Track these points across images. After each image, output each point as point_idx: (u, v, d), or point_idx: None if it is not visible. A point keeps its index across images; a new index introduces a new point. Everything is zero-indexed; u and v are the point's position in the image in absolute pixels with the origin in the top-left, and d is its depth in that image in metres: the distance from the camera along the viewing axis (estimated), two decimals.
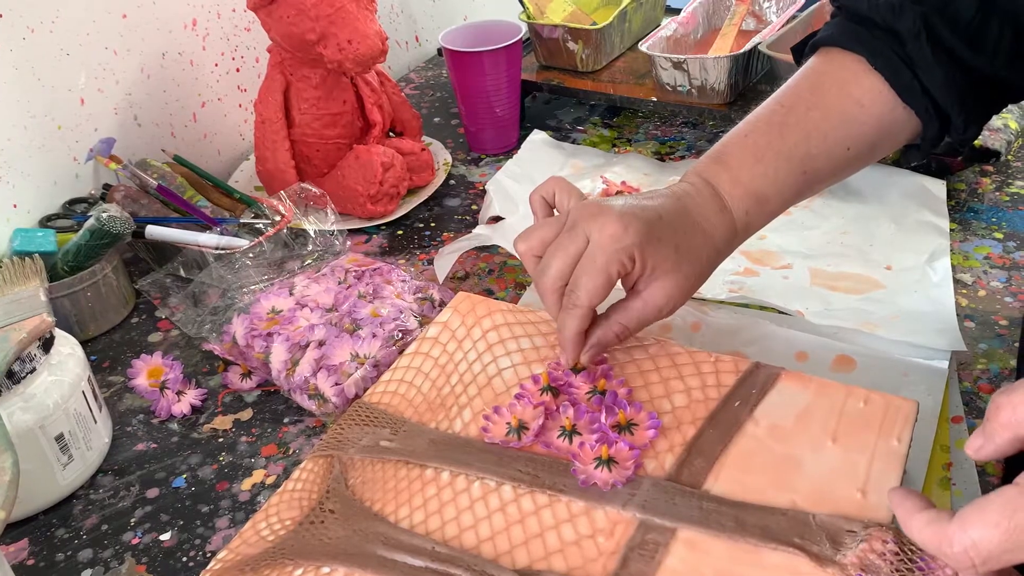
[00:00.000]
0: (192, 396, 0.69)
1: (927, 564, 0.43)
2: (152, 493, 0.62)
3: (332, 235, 0.82)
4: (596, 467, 0.51)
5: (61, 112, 0.84)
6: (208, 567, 0.48)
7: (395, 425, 0.56)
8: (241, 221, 0.82)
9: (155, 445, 0.66)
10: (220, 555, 0.49)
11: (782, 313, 0.71)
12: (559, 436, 0.54)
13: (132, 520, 0.60)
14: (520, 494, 0.50)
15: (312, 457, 0.55)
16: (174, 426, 0.68)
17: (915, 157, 0.86)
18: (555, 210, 0.60)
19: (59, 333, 0.63)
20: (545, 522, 0.49)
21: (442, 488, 0.51)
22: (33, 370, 0.58)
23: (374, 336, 0.69)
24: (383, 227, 0.90)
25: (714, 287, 0.74)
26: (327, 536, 0.49)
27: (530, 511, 0.49)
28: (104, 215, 0.72)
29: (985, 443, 0.39)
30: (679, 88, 0.96)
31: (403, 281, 0.77)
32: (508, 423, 0.54)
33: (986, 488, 0.56)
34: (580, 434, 0.53)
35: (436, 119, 1.11)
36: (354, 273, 0.77)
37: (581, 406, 0.55)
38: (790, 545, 0.45)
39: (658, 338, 0.61)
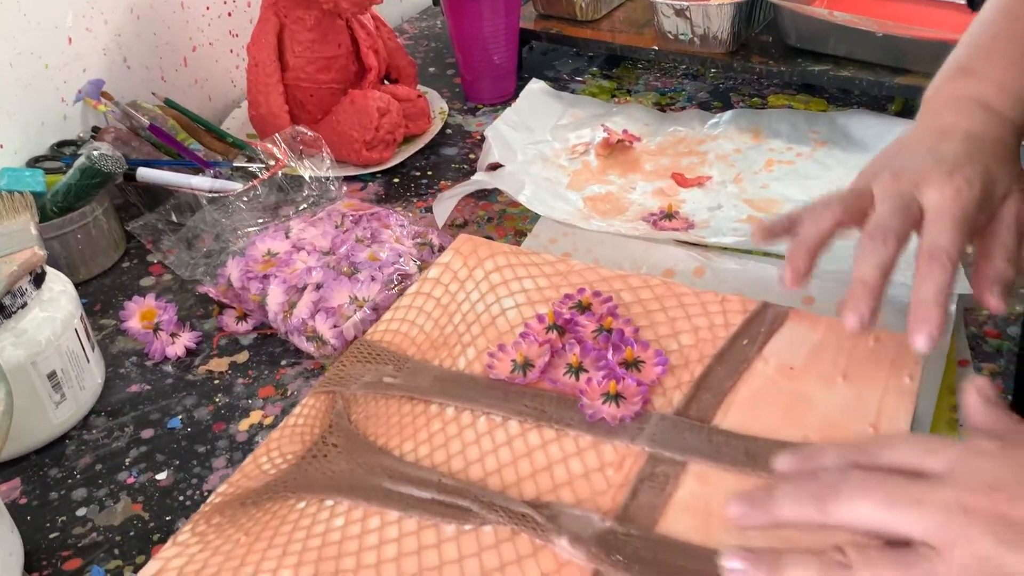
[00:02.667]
0: (187, 338, 0.68)
1: None
2: (147, 434, 0.61)
3: (328, 181, 0.80)
4: (604, 402, 0.50)
5: (48, 50, 0.81)
6: (208, 500, 0.47)
7: (398, 362, 0.55)
8: (235, 165, 0.81)
9: (149, 387, 0.65)
10: (220, 488, 0.48)
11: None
12: (565, 373, 0.53)
13: (127, 460, 0.59)
14: (527, 428, 0.50)
15: (314, 393, 0.54)
16: (168, 368, 0.66)
17: None
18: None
19: (50, 271, 0.62)
20: (553, 456, 0.48)
21: (447, 423, 0.50)
22: (24, 305, 0.57)
23: (373, 279, 0.67)
24: (379, 175, 0.88)
25: (717, 233, 0.73)
26: (330, 469, 0.48)
27: (537, 445, 0.49)
28: (95, 153, 0.70)
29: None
30: (681, 37, 0.95)
31: (401, 226, 0.75)
32: (513, 360, 0.54)
33: None
34: (587, 371, 0.53)
35: (431, 69, 1.09)
36: (351, 217, 0.75)
37: (587, 344, 0.54)
38: None
39: (663, 280, 0.60)
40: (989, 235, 0.52)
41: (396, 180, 0.88)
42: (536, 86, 0.97)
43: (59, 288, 0.61)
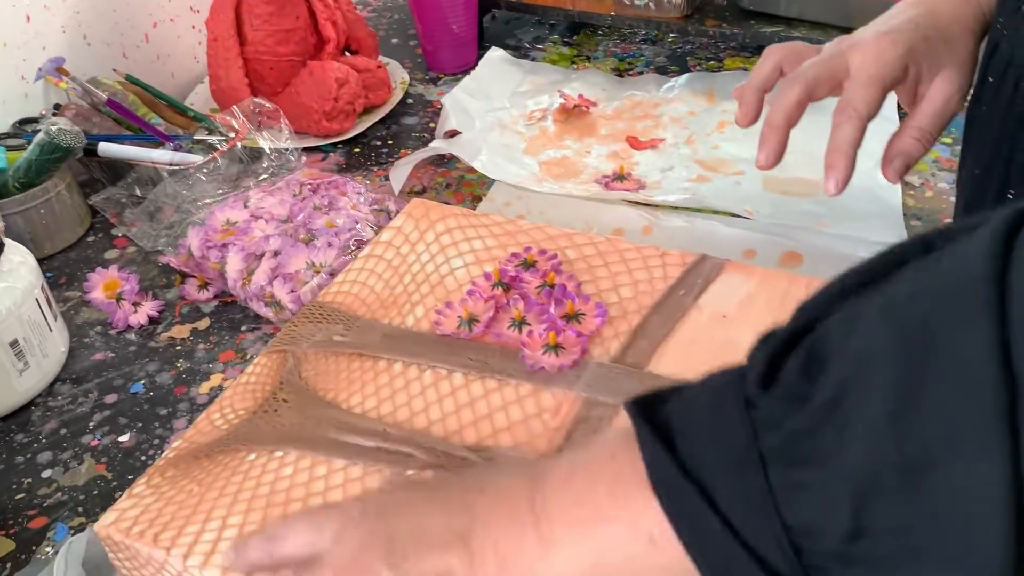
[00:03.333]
0: (149, 307, 0.69)
1: None
2: (110, 399, 0.63)
3: (287, 152, 0.81)
4: (544, 353, 0.52)
5: (5, 29, 0.82)
6: (163, 455, 0.49)
7: (348, 321, 0.57)
8: (195, 138, 0.82)
9: (113, 354, 0.67)
10: (175, 444, 0.50)
11: (733, 216, 0.72)
12: (509, 327, 0.55)
13: (91, 424, 0.61)
14: (470, 380, 0.51)
15: (266, 353, 0.56)
16: (132, 336, 0.68)
17: None
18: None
19: (10, 243, 0.63)
20: (494, 404, 0.50)
21: (394, 377, 0.52)
22: None
23: (329, 245, 0.69)
24: (340, 145, 0.90)
25: (667, 193, 0.75)
26: (280, 423, 0.50)
27: (480, 395, 0.51)
28: (53, 128, 0.71)
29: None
30: (637, 1, 0.96)
31: (358, 193, 0.77)
32: (460, 316, 0.55)
33: None
34: (530, 325, 0.54)
35: (394, 40, 1.10)
36: (309, 186, 0.77)
37: (531, 299, 0.56)
38: None
39: (608, 237, 0.62)
40: (912, 110, 0.54)
41: (357, 150, 0.89)
42: (496, 54, 0.98)
43: (19, 259, 0.62)
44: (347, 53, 0.97)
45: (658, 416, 0.30)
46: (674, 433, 0.29)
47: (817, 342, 0.27)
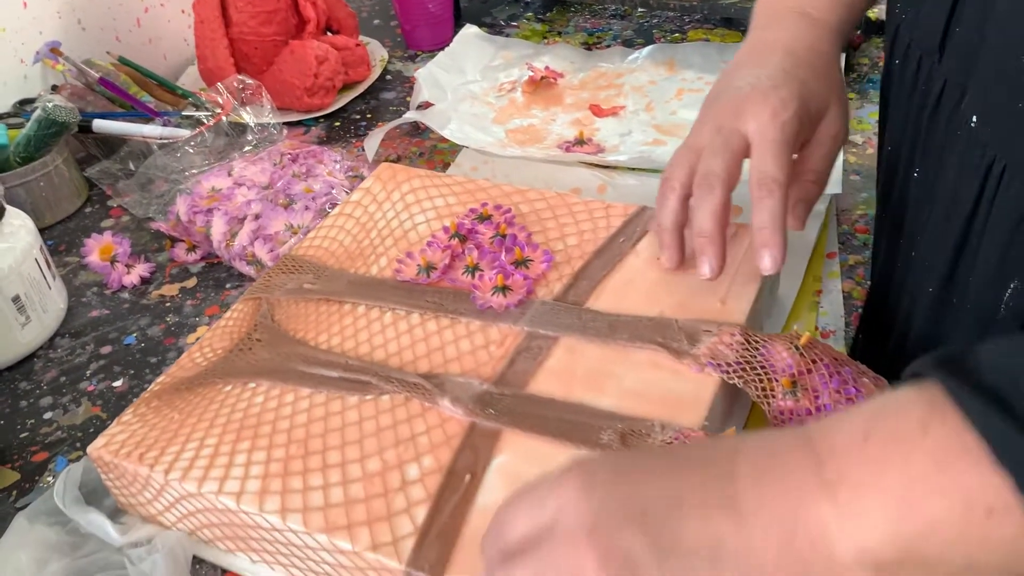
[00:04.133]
0: (141, 269, 0.75)
1: (767, 349, 0.50)
2: (106, 350, 0.68)
3: (270, 126, 0.87)
4: (493, 294, 0.57)
5: (4, 14, 0.88)
6: (148, 389, 0.55)
7: (318, 271, 0.62)
8: (183, 114, 0.87)
9: (108, 311, 0.72)
10: (159, 379, 0.56)
11: None
12: (463, 273, 0.60)
13: (88, 372, 0.66)
14: (426, 319, 0.57)
15: (243, 300, 0.61)
16: (125, 295, 0.74)
17: None
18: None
19: (10, 208, 0.69)
20: (446, 339, 0.55)
21: (358, 318, 0.58)
22: None
23: (307, 208, 0.74)
24: (321, 119, 0.95)
25: (621, 155, 0.80)
26: (254, 359, 0.56)
27: (433, 331, 0.56)
28: (50, 104, 0.77)
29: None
30: None
31: (335, 161, 0.82)
32: (419, 264, 0.61)
33: (849, 311, 0.63)
34: (482, 270, 0.60)
35: (376, 21, 1.15)
36: (289, 156, 0.82)
37: (484, 248, 0.61)
38: (654, 343, 0.52)
39: (558, 193, 0.67)
40: (803, 155, 0.55)
41: (337, 124, 0.94)
42: (470, 31, 1.03)
43: (18, 223, 0.68)
44: (329, 33, 1.02)
45: (971, 377, 0.28)
46: (1003, 394, 0.27)
47: None
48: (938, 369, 0.29)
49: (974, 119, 0.42)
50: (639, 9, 1.07)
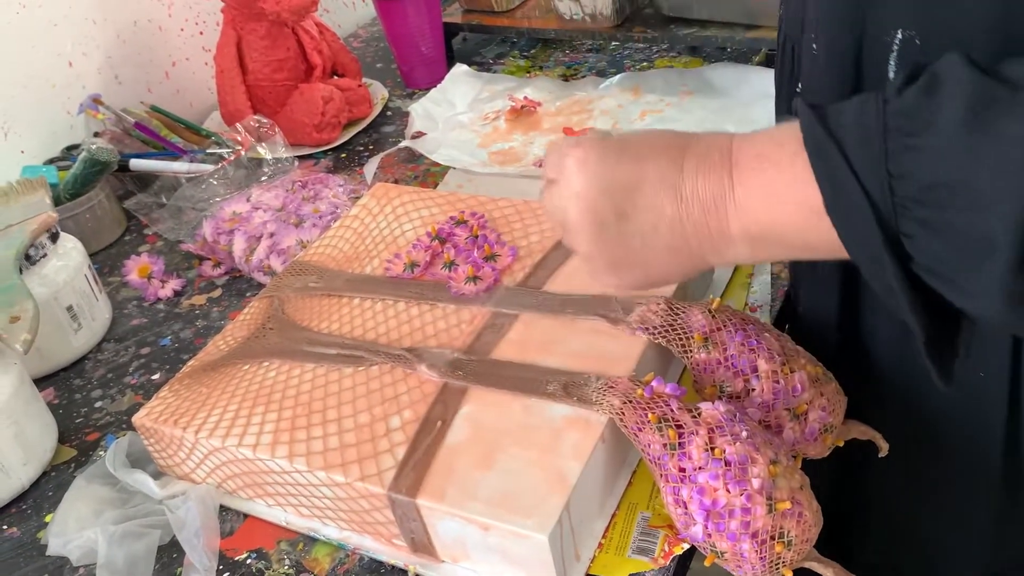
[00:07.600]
0: (174, 284, 0.87)
1: (686, 314, 0.60)
2: (145, 351, 0.80)
3: (284, 160, 0.99)
4: (465, 283, 0.68)
5: (54, 73, 1.01)
6: (181, 371, 0.66)
7: (320, 273, 0.74)
8: (207, 151, 1.00)
9: (146, 320, 0.84)
10: (190, 363, 0.67)
11: None
12: (442, 268, 0.71)
13: (131, 368, 0.78)
14: (409, 306, 0.68)
15: (258, 298, 0.72)
16: (161, 306, 0.86)
17: None
18: None
19: (63, 234, 0.81)
20: (425, 320, 0.66)
21: (353, 308, 0.69)
22: (45, 255, 0.76)
23: (314, 226, 0.86)
24: (329, 152, 1.07)
25: None
26: (267, 343, 0.67)
27: (415, 315, 0.67)
28: (93, 146, 0.90)
29: None
30: (574, 16, 1.12)
31: (339, 186, 0.94)
32: (404, 262, 0.72)
33: (776, 288, 0.73)
34: (458, 265, 0.70)
35: (379, 65, 1.28)
36: (299, 183, 0.94)
37: (460, 247, 0.72)
38: (596, 315, 0.62)
39: (525, 200, 0.78)
40: None
41: (343, 155, 1.06)
42: (460, 69, 1.15)
43: (70, 245, 0.80)
44: (335, 76, 1.14)
45: (825, 122, 0.40)
46: (838, 135, 0.39)
47: (937, 70, 0.37)
48: (808, 112, 0.41)
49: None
50: (612, 43, 1.19)
